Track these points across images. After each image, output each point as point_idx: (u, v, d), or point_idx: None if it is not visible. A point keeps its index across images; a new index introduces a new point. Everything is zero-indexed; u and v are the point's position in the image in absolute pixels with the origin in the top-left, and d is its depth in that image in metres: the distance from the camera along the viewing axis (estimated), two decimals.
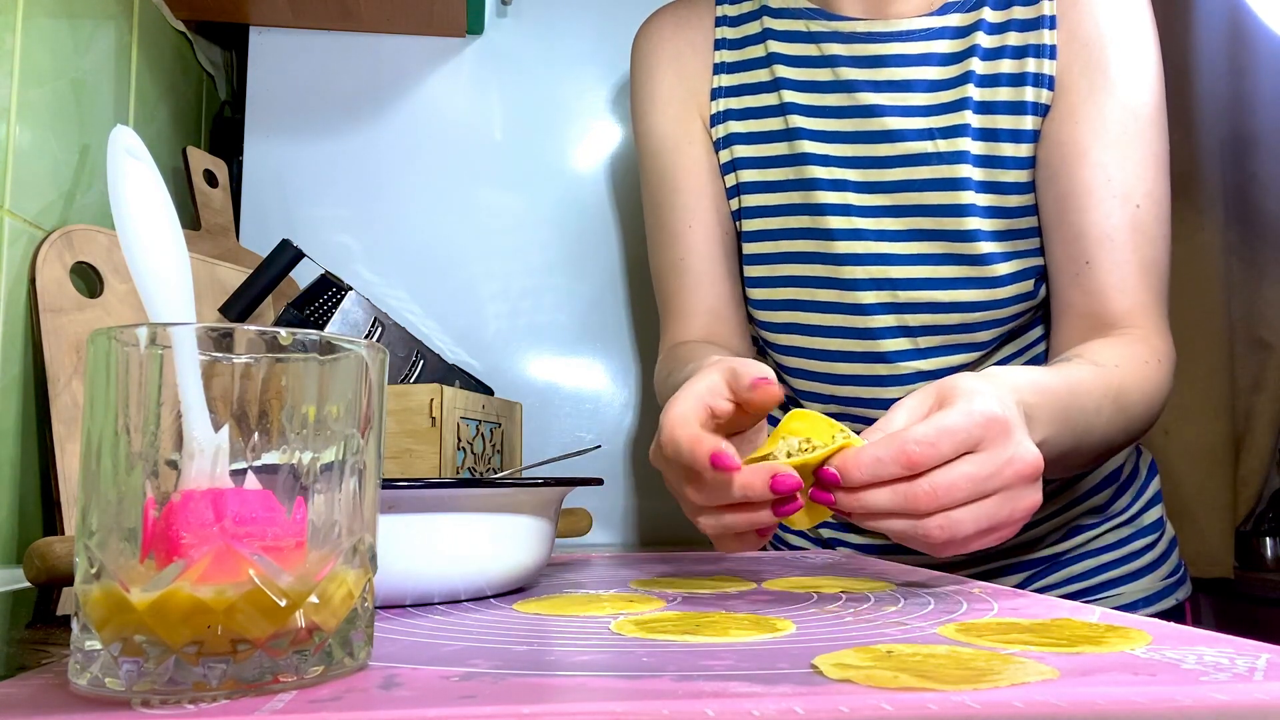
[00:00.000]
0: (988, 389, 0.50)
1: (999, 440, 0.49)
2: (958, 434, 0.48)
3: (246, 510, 0.29)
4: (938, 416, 0.48)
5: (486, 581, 0.50)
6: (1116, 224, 0.73)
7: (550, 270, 1.15)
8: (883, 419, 0.52)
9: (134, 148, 0.34)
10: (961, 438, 0.48)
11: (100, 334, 0.30)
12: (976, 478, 0.48)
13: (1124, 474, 0.85)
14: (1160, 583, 0.85)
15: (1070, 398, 0.61)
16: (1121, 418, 0.67)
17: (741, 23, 0.86)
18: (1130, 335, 0.72)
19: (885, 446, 0.47)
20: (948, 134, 0.76)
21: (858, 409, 0.83)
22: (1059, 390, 0.60)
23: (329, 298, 0.91)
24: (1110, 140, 0.73)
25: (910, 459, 0.47)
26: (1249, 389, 1.43)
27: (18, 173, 0.75)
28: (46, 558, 0.58)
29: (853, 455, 0.48)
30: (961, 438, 0.48)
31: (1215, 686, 0.29)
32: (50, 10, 0.80)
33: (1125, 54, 0.74)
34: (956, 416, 0.48)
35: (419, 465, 0.84)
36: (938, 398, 0.51)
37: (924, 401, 0.52)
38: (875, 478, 0.47)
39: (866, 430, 0.52)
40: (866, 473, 0.47)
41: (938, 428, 0.47)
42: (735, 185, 0.84)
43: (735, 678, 0.30)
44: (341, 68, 1.14)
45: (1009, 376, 0.56)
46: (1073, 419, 0.61)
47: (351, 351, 0.32)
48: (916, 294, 0.78)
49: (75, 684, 0.29)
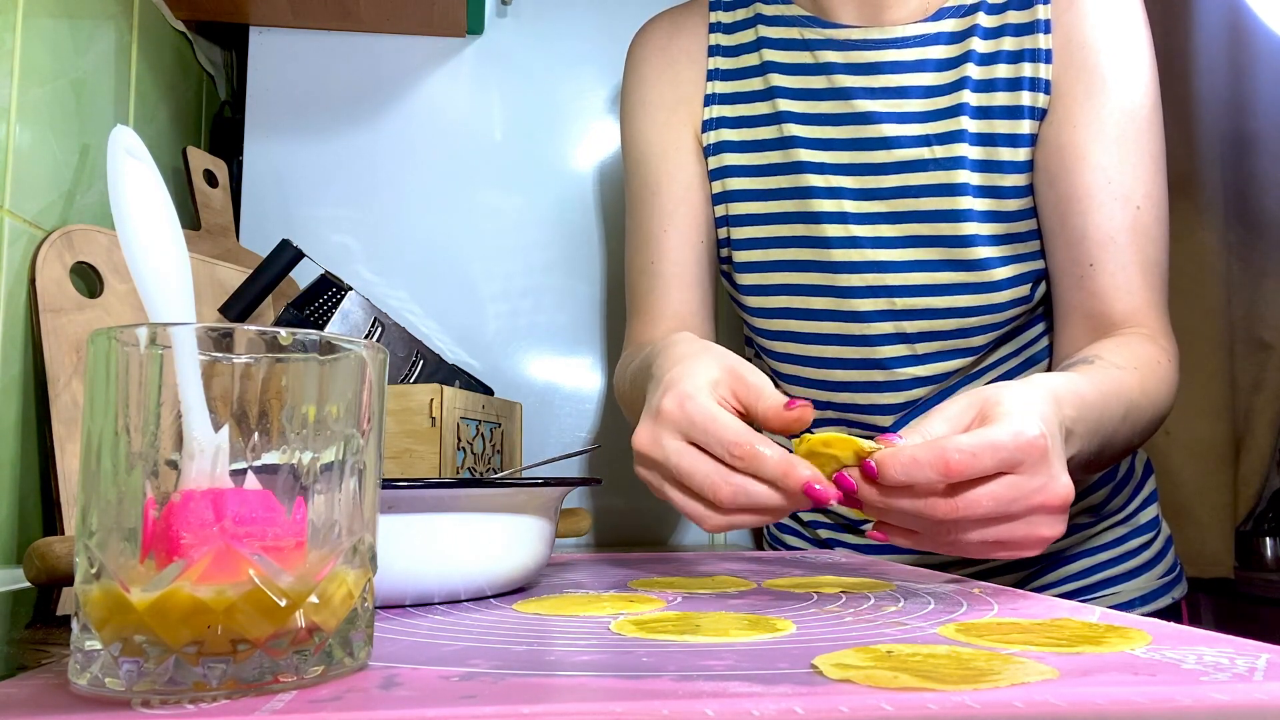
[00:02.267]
0: (1032, 407, 0.50)
1: (1035, 467, 0.48)
2: (1000, 452, 0.47)
3: (246, 510, 0.29)
4: (984, 431, 0.48)
5: (486, 581, 0.50)
6: (1118, 226, 0.73)
7: (550, 270, 1.15)
8: (920, 421, 0.51)
9: (134, 148, 0.34)
10: (1003, 456, 0.47)
11: (100, 334, 0.30)
12: (1002, 499, 0.48)
13: (1120, 473, 0.86)
14: (1157, 581, 0.85)
15: (1103, 407, 0.61)
16: (1140, 422, 0.67)
17: (736, 30, 0.86)
18: (1138, 335, 0.72)
19: (926, 450, 0.47)
20: (944, 140, 0.76)
21: (855, 415, 0.83)
22: (1094, 402, 0.59)
23: (329, 298, 0.91)
24: (1108, 143, 0.73)
25: (949, 466, 0.46)
26: (1249, 389, 1.43)
27: (18, 173, 0.75)
28: (46, 558, 0.58)
29: (891, 454, 0.47)
30: (1003, 456, 0.47)
31: (1215, 686, 0.29)
32: (50, 10, 0.80)
33: (1120, 56, 0.74)
34: (1003, 434, 0.47)
35: (419, 465, 0.84)
36: (981, 409, 0.51)
37: (966, 411, 0.51)
38: (909, 478, 0.47)
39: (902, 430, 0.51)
40: (901, 472, 0.47)
41: (983, 441, 0.47)
42: (723, 193, 0.84)
43: (735, 678, 0.30)
44: (341, 68, 1.14)
45: (1053, 388, 0.55)
46: (1104, 428, 0.61)
47: (351, 351, 0.32)
48: (914, 300, 0.78)
49: (75, 684, 0.29)
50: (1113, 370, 0.65)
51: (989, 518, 0.48)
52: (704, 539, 1.14)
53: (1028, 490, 0.48)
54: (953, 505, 0.47)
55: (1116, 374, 0.65)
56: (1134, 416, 0.66)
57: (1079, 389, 0.58)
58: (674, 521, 1.15)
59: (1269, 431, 1.43)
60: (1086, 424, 0.58)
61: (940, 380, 0.80)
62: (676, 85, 0.86)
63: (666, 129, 0.86)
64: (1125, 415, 0.64)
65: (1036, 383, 0.55)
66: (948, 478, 0.47)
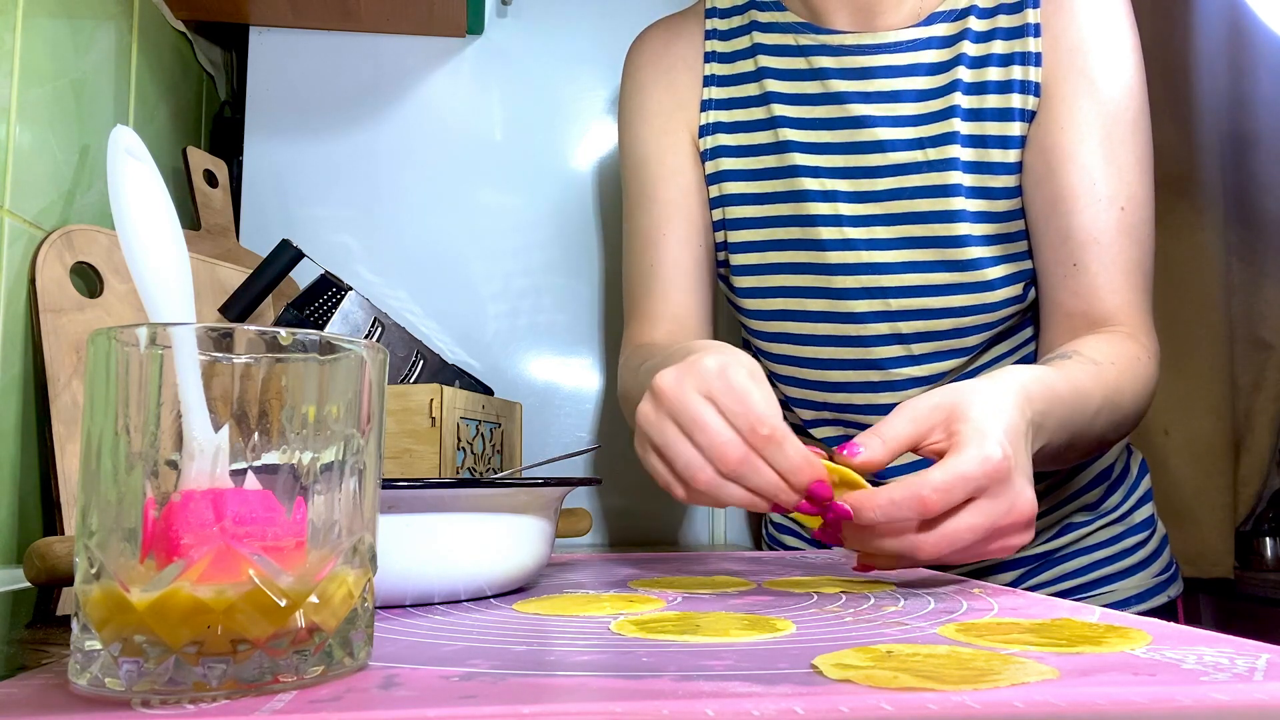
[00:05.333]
0: (997, 420, 0.52)
1: (1000, 488, 0.51)
2: (970, 482, 0.50)
3: (246, 510, 0.29)
4: (952, 463, 0.50)
5: (486, 581, 0.50)
6: (1103, 226, 0.74)
7: (550, 270, 1.15)
8: (884, 424, 0.54)
9: (134, 148, 0.34)
10: (973, 485, 0.50)
11: (100, 334, 0.30)
12: (978, 529, 0.51)
13: (1115, 472, 0.86)
14: (1152, 579, 0.86)
15: (1074, 400, 0.63)
16: (1116, 415, 0.69)
17: (731, 37, 0.87)
18: (1120, 333, 0.73)
19: (902, 490, 0.49)
20: (937, 142, 0.77)
21: (851, 415, 0.84)
22: (1065, 396, 0.61)
23: (329, 298, 0.91)
24: (1094, 145, 0.75)
25: (926, 506, 0.49)
26: (1249, 389, 1.43)
27: (18, 173, 0.75)
28: (46, 558, 0.58)
29: (868, 496, 0.50)
30: (973, 485, 0.50)
31: (1215, 686, 0.29)
32: (50, 10, 0.80)
33: (1105, 59, 0.75)
34: (970, 465, 0.50)
35: (419, 465, 0.84)
36: (947, 416, 0.53)
37: (933, 414, 0.54)
38: (888, 520, 0.50)
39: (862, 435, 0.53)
40: (880, 515, 0.49)
41: (954, 475, 0.49)
42: (720, 197, 0.84)
43: (735, 678, 0.30)
44: (341, 68, 1.14)
45: (1024, 383, 0.57)
46: (1075, 421, 0.63)
47: (351, 351, 0.32)
48: (909, 301, 0.79)
49: (75, 684, 0.29)
50: (1089, 365, 0.67)
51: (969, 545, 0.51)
52: (704, 539, 1.14)
53: (996, 514, 0.51)
54: (936, 546, 0.50)
55: (1093, 369, 0.67)
56: (1108, 411, 0.67)
57: (1051, 383, 0.61)
58: (675, 522, 1.15)
59: (1269, 431, 1.43)
60: (1056, 418, 0.60)
61: (936, 380, 0.81)
62: (673, 91, 0.87)
63: (664, 134, 0.87)
64: (1099, 410, 0.66)
65: (1007, 379, 0.57)
66: (925, 516, 0.50)
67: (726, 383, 0.52)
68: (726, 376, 0.52)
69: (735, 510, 1.15)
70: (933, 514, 0.49)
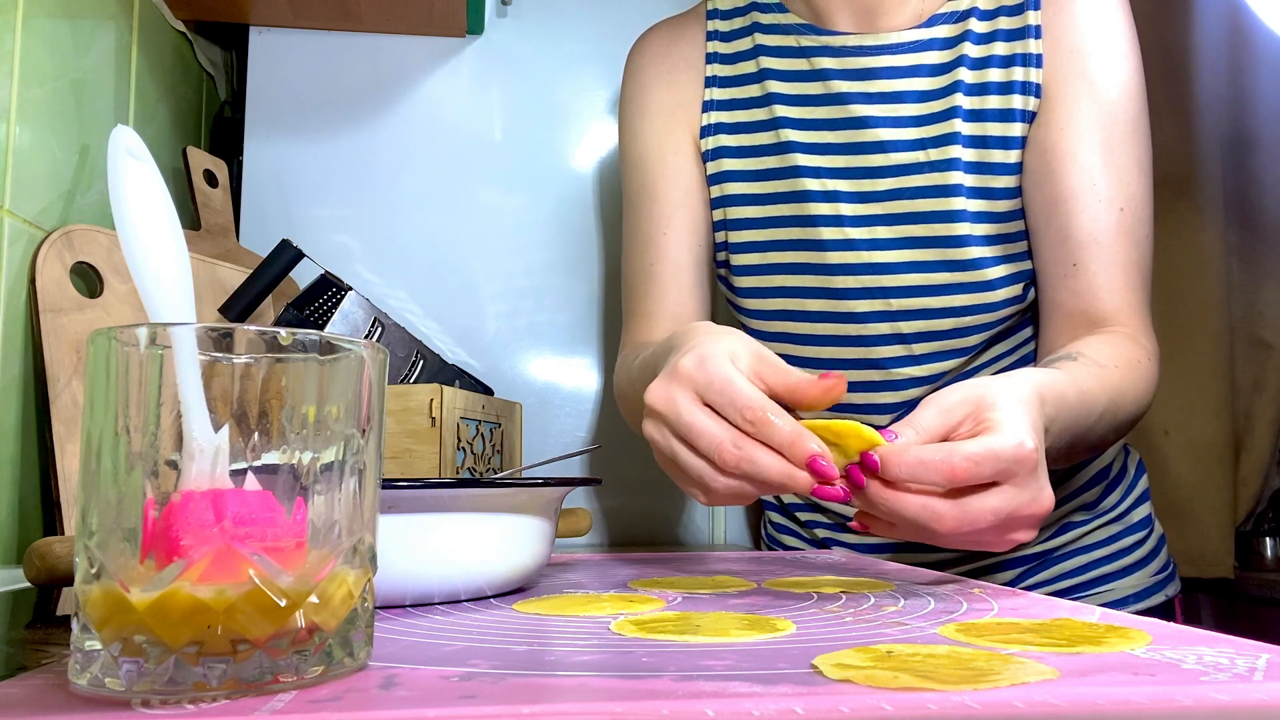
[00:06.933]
0: (1025, 414, 0.51)
1: (1027, 479, 0.50)
2: (1001, 462, 0.48)
3: (246, 511, 0.29)
4: (988, 440, 0.49)
5: (486, 581, 0.50)
6: (1103, 227, 0.74)
7: (550, 270, 1.15)
8: (914, 415, 0.52)
9: (134, 148, 0.34)
10: (1002, 467, 0.49)
11: (100, 334, 0.30)
12: (1000, 512, 0.49)
13: (1113, 472, 0.87)
14: (1150, 579, 0.86)
15: (1080, 405, 0.62)
16: (1118, 419, 0.69)
17: (734, 38, 0.87)
18: (1120, 334, 0.73)
19: (933, 453, 0.48)
20: (938, 143, 0.78)
21: (851, 414, 0.83)
22: (1072, 400, 0.61)
23: (329, 298, 0.91)
24: (1094, 145, 0.75)
25: (954, 473, 0.47)
26: (1249, 389, 1.43)
27: (18, 173, 0.75)
28: (46, 558, 0.58)
29: (897, 451, 0.48)
30: (1002, 467, 0.49)
31: (1215, 686, 0.29)
32: (50, 10, 0.80)
33: (1104, 60, 0.76)
34: (1005, 446, 0.49)
35: (419, 465, 0.84)
36: (975, 408, 0.52)
37: (960, 406, 0.52)
38: (913, 478, 0.48)
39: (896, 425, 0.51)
40: (906, 472, 0.48)
41: (987, 450, 0.48)
42: (721, 197, 0.84)
43: (735, 678, 0.30)
44: (341, 68, 1.14)
45: (1037, 384, 0.57)
46: (1078, 425, 0.63)
47: (351, 351, 0.32)
48: (910, 301, 0.79)
49: (75, 684, 0.29)
50: (1094, 368, 0.67)
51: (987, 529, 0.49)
52: (704, 539, 1.14)
53: (1020, 502, 0.50)
54: (958, 520, 0.48)
55: (1098, 371, 0.66)
56: (1110, 414, 0.67)
57: (1059, 386, 0.60)
58: (675, 522, 1.15)
59: (1269, 431, 1.43)
60: (1062, 421, 0.60)
61: (936, 380, 0.81)
62: (675, 91, 0.87)
63: (665, 134, 0.87)
64: (1102, 413, 0.66)
65: (1024, 379, 0.56)
66: (950, 483, 0.48)
67: (708, 376, 0.52)
68: (707, 370, 0.52)
69: (735, 510, 1.15)
70: (958, 483, 0.48)
